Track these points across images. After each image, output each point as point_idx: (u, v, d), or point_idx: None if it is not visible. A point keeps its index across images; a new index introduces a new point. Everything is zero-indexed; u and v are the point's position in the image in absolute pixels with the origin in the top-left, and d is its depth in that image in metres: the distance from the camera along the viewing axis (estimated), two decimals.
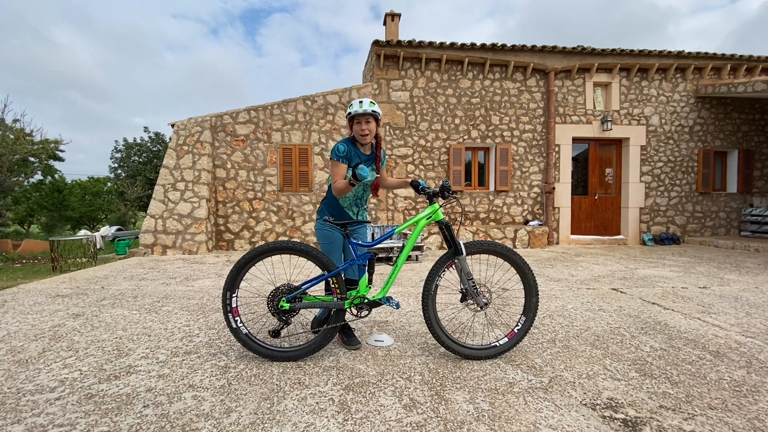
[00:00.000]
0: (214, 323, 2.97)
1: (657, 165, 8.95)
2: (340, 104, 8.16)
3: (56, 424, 1.62)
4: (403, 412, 1.70)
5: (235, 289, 2.22)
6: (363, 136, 2.34)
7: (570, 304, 3.53)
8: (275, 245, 2.25)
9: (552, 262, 6.07)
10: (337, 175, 2.30)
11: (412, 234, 2.34)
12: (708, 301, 3.65)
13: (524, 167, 8.68)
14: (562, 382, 2.00)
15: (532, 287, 2.29)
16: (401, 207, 8.38)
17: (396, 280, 4.57)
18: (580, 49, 8.32)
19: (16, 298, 3.80)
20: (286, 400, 1.81)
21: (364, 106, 2.28)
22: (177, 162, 7.53)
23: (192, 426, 1.60)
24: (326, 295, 2.47)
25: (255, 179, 7.99)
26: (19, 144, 10.71)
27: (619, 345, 2.51)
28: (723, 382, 1.99)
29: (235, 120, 7.94)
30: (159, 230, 7.24)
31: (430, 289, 2.25)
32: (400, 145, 8.34)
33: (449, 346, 2.25)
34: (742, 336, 2.68)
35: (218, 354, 2.36)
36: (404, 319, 3.09)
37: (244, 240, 8.00)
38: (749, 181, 9.17)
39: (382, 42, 7.90)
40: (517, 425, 1.61)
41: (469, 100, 8.48)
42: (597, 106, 8.81)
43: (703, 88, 8.79)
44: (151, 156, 22.16)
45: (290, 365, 2.20)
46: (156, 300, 3.71)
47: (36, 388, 1.93)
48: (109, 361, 2.26)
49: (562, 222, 8.71)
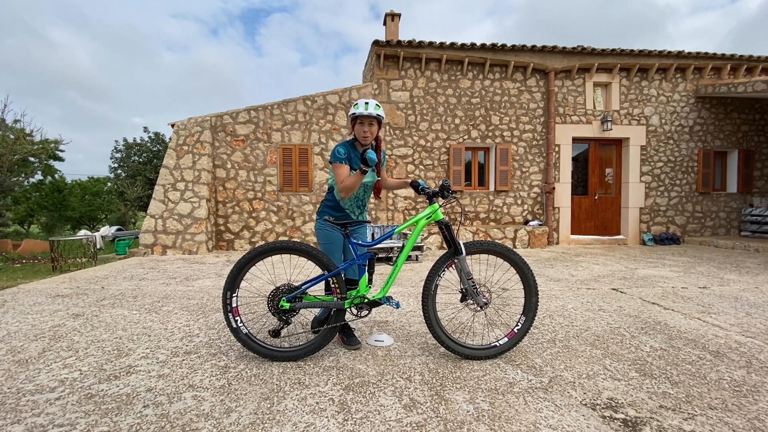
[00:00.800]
0: (214, 323, 2.97)
1: (657, 165, 8.94)
2: (340, 104, 8.16)
3: (56, 424, 1.62)
4: (403, 412, 1.70)
5: (235, 288, 2.23)
6: (364, 138, 2.35)
7: (570, 304, 3.53)
8: (275, 245, 2.25)
9: (552, 262, 6.07)
10: (340, 176, 2.29)
11: (412, 234, 2.34)
12: (708, 301, 3.65)
13: (524, 167, 8.68)
14: (562, 382, 2.00)
15: (532, 287, 2.29)
16: (401, 207, 8.38)
17: (396, 280, 4.57)
18: (580, 49, 8.32)
19: (16, 298, 3.80)
20: (286, 400, 1.81)
21: (370, 109, 2.27)
22: (177, 162, 7.53)
23: (192, 426, 1.60)
24: (326, 295, 2.48)
25: (255, 179, 7.99)
26: (19, 144, 10.72)
27: (619, 345, 2.51)
28: (723, 382, 1.99)
29: (235, 120, 7.94)
30: (159, 230, 7.24)
31: (430, 288, 2.25)
32: (400, 145, 8.34)
33: (449, 346, 2.25)
34: (742, 336, 2.68)
35: (218, 354, 2.36)
36: (404, 319, 3.09)
37: (244, 240, 8.00)
38: (749, 181, 9.17)
39: (382, 42, 7.90)
40: (517, 425, 1.61)
41: (469, 100, 8.48)
42: (597, 106, 8.81)
43: (703, 88, 8.79)
44: (151, 156, 22.16)
45: (290, 365, 2.20)
46: (156, 300, 3.71)
47: (36, 388, 1.93)
48: (109, 361, 2.26)
49: (562, 222, 8.71)
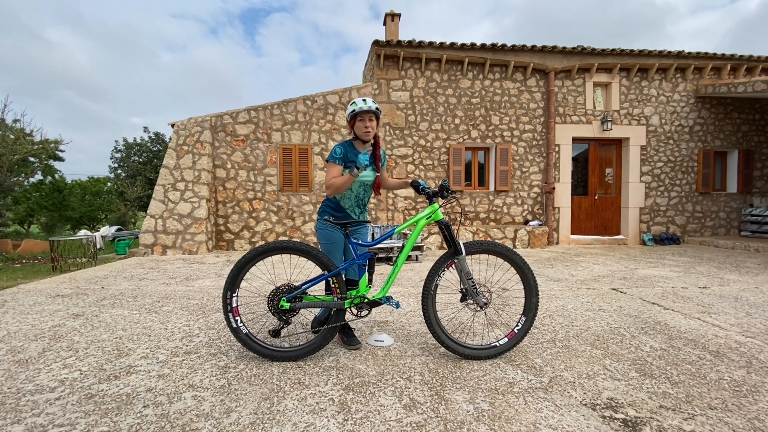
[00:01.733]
0: (214, 323, 2.97)
1: (657, 165, 8.94)
2: (340, 104, 8.16)
3: (56, 424, 1.62)
4: (403, 412, 1.70)
5: (235, 288, 2.23)
6: (366, 133, 2.36)
7: (570, 304, 3.53)
8: (276, 245, 2.25)
9: (552, 262, 6.07)
10: (330, 174, 2.34)
11: (412, 234, 2.34)
12: (708, 301, 3.65)
13: (524, 167, 8.68)
14: (562, 382, 2.00)
15: (533, 287, 2.29)
16: (401, 207, 8.38)
17: (396, 280, 4.57)
18: (580, 49, 8.32)
19: (16, 298, 3.80)
20: (286, 400, 1.81)
21: (368, 104, 2.31)
22: (177, 162, 7.53)
23: (192, 426, 1.60)
24: (326, 295, 2.48)
25: (255, 179, 7.99)
26: (19, 144, 10.72)
27: (619, 345, 2.51)
28: (723, 382, 1.99)
29: (235, 120, 7.94)
30: (159, 230, 7.24)
31: (429, 288, 2.25)
32: (400, 145, 8.34)
33: (449, 346, 2.25)
34: (742, 336, 2.68)
35: (218, 354, 2.36)
36: (404, 319, 3.09)
37: (244, 240, 8.00)
38: (749, 181, 9.17)
39: (382, 42, 7.90)
40: (517, 425, 1.61)
41: (469, 100, 8.48)
42: (597, 106, 8.81)
43: (703, 88, 8.79)
44: (151, 156, 22.16)
45: (290, 365, 2.20)
46: (156, 300, 3.71)
47: (36, 388, 1.93)
48: (109, 361, 2.26)
49: (562, 222, 8.71)
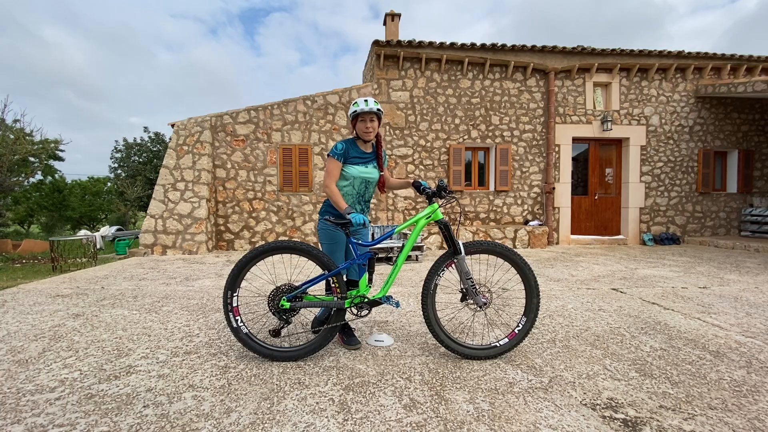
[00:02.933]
0: (214, 323, 2.97)
1: (657, 165, 8.94)
2: (340, 104, 8.15)
3: (56, 424, 1.62)
4: (403, 412, 1.70)
5: (236, 288, 2.23)
6: (367, 134, 2.37)
7: (570, 304, 3.53)
8: (276, 245, 2.25)
9: (552, 262, 6.07)
10: (328, 170, 2.38)
11: (412, 234, 2.34)
12: (708, 301, 3.65)
13: (524, 167, 8.68)
14: (562, 382, 2.00)
15: (533, 288, 2.28)
16: (401, 207, 8.38)
17: (396, 280, 4.57)
18: (580, 49, 8.31)
19: (16, 298, 3.80)
20: (286, 400, 1.81)
21: (370, 105, 2.33)
22: (177, 162, 7.53)
23: (192, 426, 1.60)
24: (327, 295, 2.48)
25: (255, 179, 7.99)
26: (19, 144, 10.71)
27: (619, 345, 2.51)
28: (723, 382, 1.99)
29: (235, 120, 7.94)
30: (159, 230, 7.24)
31: (429, 288, 2.25)
32: (400, 145, 8.33)
33: (449, 345, 2.25)
34: (742, 336, 2.68)
35: (218, 354, 2.36)
36: (404, 319, 3.09)
37: (244, 240, 7.99)
38: (749, 181, 9.17)
39: (382, 42, 7.89)
40: (517, 425, 1.61)
41: (469, 100, 8.48)
42: (597, 106, 8.81)
43: (703, 88, 8.79)
44: (151, 156, 22.15)
45: (290, 365, 2.20)
46: (156, 300, 3.71)
47: (36, 388, 1.93)
48: (109, 361, 2.26)
49: (562, 222, 8.71)
